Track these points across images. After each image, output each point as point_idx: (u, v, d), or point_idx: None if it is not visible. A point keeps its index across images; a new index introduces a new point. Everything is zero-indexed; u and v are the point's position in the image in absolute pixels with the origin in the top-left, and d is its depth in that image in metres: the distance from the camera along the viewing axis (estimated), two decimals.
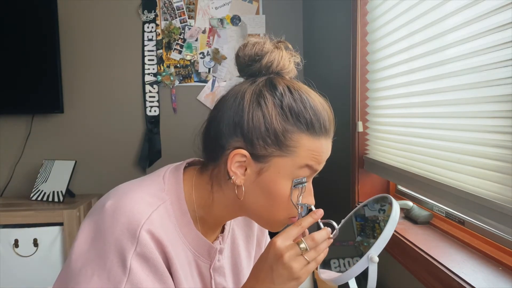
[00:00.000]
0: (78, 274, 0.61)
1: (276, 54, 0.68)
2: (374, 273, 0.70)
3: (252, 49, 0.69)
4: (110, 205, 0.65)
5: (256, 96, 0.66)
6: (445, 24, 1.04)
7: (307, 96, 0.66)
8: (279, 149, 0.65)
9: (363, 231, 0.80)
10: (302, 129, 0.65)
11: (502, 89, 0.84)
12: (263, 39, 0.70)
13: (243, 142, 0.65)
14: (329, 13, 1.99)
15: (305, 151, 0.65)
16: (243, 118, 0.65)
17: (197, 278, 0.73)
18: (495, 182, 0.86)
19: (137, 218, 0.62)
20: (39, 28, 2.23)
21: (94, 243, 0.63)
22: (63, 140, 2.38)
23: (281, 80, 0.68)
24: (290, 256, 0.63)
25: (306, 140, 0.65)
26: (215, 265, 0.75)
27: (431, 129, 1.13)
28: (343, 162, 1.73)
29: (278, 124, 0.64)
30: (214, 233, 0.78)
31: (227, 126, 0.66)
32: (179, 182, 0.71)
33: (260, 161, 0.65)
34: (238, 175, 0.66)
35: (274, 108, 0.64)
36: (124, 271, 0.60)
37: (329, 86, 1.88)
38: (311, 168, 0.67)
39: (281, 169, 0.65)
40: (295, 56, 0.72)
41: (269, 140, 0.64)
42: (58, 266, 2.01)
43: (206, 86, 2.41)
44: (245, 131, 0.65)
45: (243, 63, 0.70)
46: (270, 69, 0.69)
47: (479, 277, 0.88)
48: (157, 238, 0.63)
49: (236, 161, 0.66)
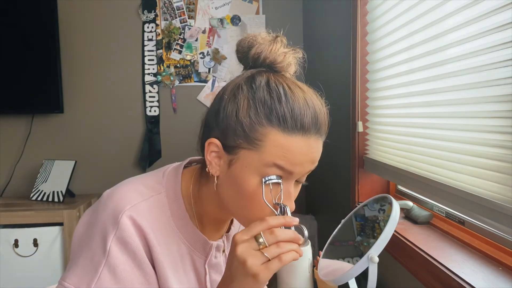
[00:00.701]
0: (73, 255, 0.67)
1: (265, 46, 0.67)
2: (374, 273, 0.70)
3: (245, 41, 0.69)
4: (106, 193, 0.70)
5: (235, 87, 0.66)
6: (445, 24, 1.04)
7: (287, 91, 0.63)
8: (246, 141, 0.63)
9: (363, 231, 0.80)
10: (272, 123, 0.62)
11: (502, 89, 0.84)
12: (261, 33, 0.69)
13: (218, 132, 0.66)
14: (329, 13, 1.99)
15: (273, 147, 0.61)
16: (220, 109, 0.66)
17: (191, 272, 0.73)
18: (495, 182, 0.86)
19: (123, 204, 0.65)
20: (39, 28, 2.23)
21: (87, 227, 0.67)
22: (63, 140, 2.38)
23: (265, 74, 0.66)
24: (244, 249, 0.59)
25: (275, 135, 0.62)
26: (211, 261, 0.75)
27: (431, 129, 1.13)
28: (343, 162, 1.73)
29: (246, 116, 0.63)
30: (217, 232, 0.78)
31: (210, 116, 0.68)
32: (177, 177, 0.72)
33: (230, 152, 0.65)
34: (213, 165, 0.67)
35: (246, 100, 0.64)
36: (104, 253, 0.63)
37: (329, 86, 1.88)
38: (281, 168, 0.62)
39: (248, 163, 0.63)
40: (296, 52, 0.69)
41: (237, 131, 0.63)
42: (58, 266, 2.01)
43: (206, 86, 2.41)
44: (220, 121, 0.65)
45: (239, 56, 0.71)
46: (257, 62, 0.68)
47: (479, 277, 0.88)
48: (138, 224, 0.65)
49: (212, 151, 0.66)
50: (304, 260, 1.20)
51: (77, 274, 0.63)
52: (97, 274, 0.62)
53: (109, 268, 0.62)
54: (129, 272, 0.64)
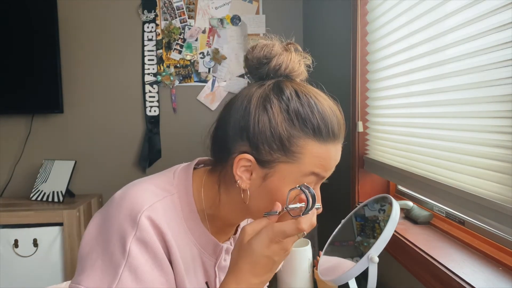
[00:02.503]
0: (85, 258, 0.64)
1: (285, 57, 0.68)
2: (374, 273, 0.70)
3: (261, 52, 0.68)
4: (118, 195, 0.68)
5: (262, 100, 0.65)
6: (445, 24, 1.04)
7: (315, 101, 0.65)
8: (284, 155, 0.64)
9: (363, 231, 0.80)
10: (308, 134, 0.64)
11: (502, 89, 0.84)
12: (273, 41, 0.69)
13: (249, 146, 0.65)
14: (329, 13, 1.99)
15: (311, 158, 0.64)
16: (249, 122, 0.64)
17: (201, 274, 0.73)
18: (495, 182, 0.86)
19: (140, 204, 0.64)
20: (39, 28, 2.23)
21: (101, 229, 0.65)
22: (63, 140, 2.38)
23: (289, 84, 0.67)
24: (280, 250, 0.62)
25: (312, 146, 0.64)
26: (221, 263, 0.75)
27: (431, 129, 1.13)
28: (343, 162, 1.73)
29: (283, 129, 0.63)
30: (225, 235, 0.78)
31: (233, 130, 0.66)
32: (188, 179, 0.72)
33: (265, 167, 0.65)
34: (244, 179, 0.66)
35: (280, 113, 0.64)
36: (123, 255, 0.62)
37: (329, 86, 1.87)
38: (317, 175, 0.66)
39: (286, 175, 0.64)
40: (306, 58, 0.71)
41: (275, 145, 0.63)
42: (58, 266, 2.01)
43: (206, 86, 2.41)
44: (251, 136, 0.64)
45: (252, 66, 0.70)
46: (278, 72, 0.68)
47: (479, 277, 0.88)
48: (156, 225, 0.64)
49: (242, 166, 0.66)
50: (304, 260, 1.20)
51: (95, 276, 0.62)
52: (118, 276, 0.61)
53: (129, 269, 0.61)
54: (150, 272, 0.63)
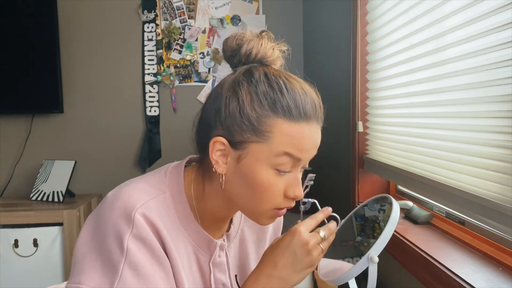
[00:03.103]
0: (82, 259, 0.64)
1: (255, 42, 0.69)
2: (374, 273, 0.70)
3: (233, 41, 0.70)
4: (111, 194, 0.68)
5: (233, 84, 0.67)
6: (445, 24, 1.04)
7: (286, 82, 0.66)
8: (255, 134, 0.64)
9: (363, 231, 0.80)
10: (277, 113, 0.64)
11: (502, 89, 0.84)
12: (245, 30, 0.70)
13: (222, 130, 0.66)
14: (329, 13, 1.99)
15: (282, 136, 0.64)
16: (221, 106, 0.66)
17: (196, 271, 0.74)
18: (495, 182, 0.86)
19: (133, 203, 0.65)
20: (39, 28, 2.23)
21: (96, 230, 0.66)
22: (63, 140, 2.38)
23: (260, 68, 0.68)
24: (314, 244, 0.67)
25: (282, 125, 0.64)
26: (215, 260, 0.75)
27: (431, 129, 1.13)
28: (343, 162, 1.73)
29: (252, 109, 0.64)
30: (218, 231, 0.78)
31: (209, 116, 0.68)
32: (179, 176, 0.72)
33: (238, 148, 0.65)
34: (220, 164, 0.67)
35: (249, 94, 0.65)
36: (122, 253, 0.62)
37: (329, 86, 1.88)
38: (291, 156, 0.65)
39: (259, 155, 0.65)
40: (281, 45, 0.71)
41: (244, 126, 0.64)
42: (58, 266, 2.01)
43: (206, 86, 2.41)
44: (222, 119, 0.66)
45: (227, 56, 0.72)
46: (250, 58, 0.69)
47: (479, 277, 0.88)
48: (151, 221, 0.65)
49: (217, 150, 0.67)
50: None
51: (96, 276, 0.62)
52: (118, 273, 0.61)
53: (129, 266, 0.62)
54: (150, 268, 0.63)
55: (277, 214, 0.70)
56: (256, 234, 0.85)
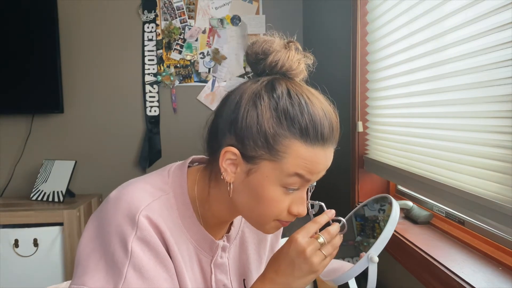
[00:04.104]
0: (86, 260, 0.64)
1: (283, 54, 0.67)
2: (374, 273, 0.70)
3: (259, 47, 0.68)
4: (113, 195, 0.68)
5: (254, 96, 0.65)
6: (445, 24, 1.04)
7: (307, 101, 0.64)
8: (269, 153, 0.63)
9: (363, 231, 0.80)
10: (295, 135, 0.63)
11: (502, 89, 0.84)
12: (274, 37, 0.68)
13: (236, 140, 0.65)
14: (329, 13, 1.99)
15: (296, 159, 0.63)
16: (238, 117, 0.64)
17: (198, 272, 0.74)
18: (495, 182, 0.86)
19: (136, 204, 0.65)
20: (39, 28, 2.23)
21: (99, 231, 0.65)
22: (63, 140, 2.38)
23: (283, 82, 0.66)
24: (311, 250, 0.66)
25: (298, 147, 0.63)
26: (217, 261, 0.75)
27: (431, 129, 1.13)
28: (343, 162, 1.73)
29: (270, 126, 0.63)
30: (219, 232, 0.78)
31: (224, 123, 0.67)
32: (183, 177, 0.72)
33: (249, 162, 0.65)
34: (229, 172, 0.67)
35: (268, 110, 0.63)
36: (126, 255, 0.62)
37: (329, 86, 1.87)
38: (301, 177, 0.65)
39: (269, 173, 0.64)
40: (307, 58, 0.70)
41: (259, 142, 0.63)
42: (58, 266, 2.01)
43: (206, 86, 2.41)
44: (238, 130, 0.64)
45: (250, 61, 0.70)
46: (274, 69, 0.68)
47: (479, 277, 0.88)
48: (155, 223, 0.65)
49: (227, 158, 0.66)
50: None
51: (99, 277, 0.62)
52: (123, 275, 0.61)
53: (134, 268, 0.61)
54: (154, 270, 0.63)
55: (282, 224, 0.70)
56: (257, 236, 0.85)
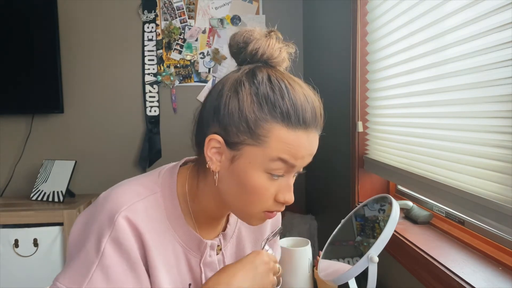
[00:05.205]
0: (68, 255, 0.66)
1: (263, 42, 0.67)
2: (374, 273, 0.70)
3: (240, 37, 0.69)
4: (103, 195, 0.69)
5: (235, 83, 0.66)
6: (445, 24, 1.04)
7: (288, 86, 0.65)
8: (251, 137, 0.64)
9: (363, 231, 0.80)
10: (276, 118, 0.63)
11: (502, 89, 0.84)
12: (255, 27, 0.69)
13: (219, 128, 0.65)
14: (329, 13, 1.99)
15: (278, 142, 0.63)
16: (220, 104, 0.65)
17: (186, 272, 0.73)
18: (495, 182, 0.86)
19: (119, 205, 0.65)
20: (39, 28, 2.23)
21: (84, 228, 0.66)
22: (63, 140, 2.39)
23: (264, 69, 0.67)
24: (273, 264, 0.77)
25: (279, 130, 0.63)
26: (206, 260, 0.75)
27: (431, 129, 1.13)
28: (343, 162, 1.73)
29: (251, 112, 0.63)
30: (212, 230, 0.78)
31: (208, 112, 0.67)
32: (173, 177, 0.73)
33: (233, 148, 0.65)
34: (214, 161, 0.67)
35: (249, 96, 0.64)
36: (97, 254, 0.62)
37: (329, 86, 1.88)
38: (285, 162, 0.64)
39: (252, 158, 0.64)
40: (289, 46, 0.70)
41: (241, 127, 0.64)
42: (58, 266, 2.01)
43: (206, 86, 2.41)
44: (221, 117, 0.65)
45: (233, 51, 0.71)
46: (255, 57, 0.68)
47: (479, 277, 0.88)
48: (134, 224, 0.65)
49: (212, 147, 0.66)
50: (304, 260, 1.20)
51: (69, 274, 0.63)
52: (89, 275, 0.62)
53: (101, 269, 0.62)
54: (122, 273, 0.63)
55: (267, 216, 0.69)
56: (254, 234, 0.86)
